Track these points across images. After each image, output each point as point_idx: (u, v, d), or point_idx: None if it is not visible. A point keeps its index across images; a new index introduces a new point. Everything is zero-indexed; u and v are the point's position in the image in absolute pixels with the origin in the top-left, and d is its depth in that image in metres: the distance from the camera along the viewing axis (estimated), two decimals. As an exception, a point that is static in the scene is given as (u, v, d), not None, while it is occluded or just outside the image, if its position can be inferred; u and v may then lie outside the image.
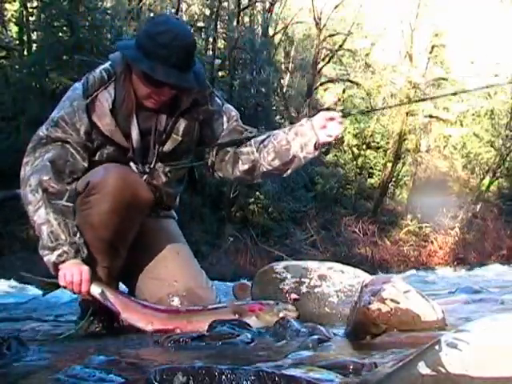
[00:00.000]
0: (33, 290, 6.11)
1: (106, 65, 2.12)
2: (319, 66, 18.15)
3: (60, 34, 11.99)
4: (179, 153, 2.19)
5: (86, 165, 2.08)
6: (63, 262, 1.95)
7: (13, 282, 7.04)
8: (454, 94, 9.03)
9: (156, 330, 1.97)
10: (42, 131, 2.08)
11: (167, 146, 2.15)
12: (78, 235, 1.99)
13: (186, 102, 2.14)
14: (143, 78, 2.01)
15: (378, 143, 19.70)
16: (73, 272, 1.93)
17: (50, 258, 1.96)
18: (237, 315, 1.98)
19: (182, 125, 2.15)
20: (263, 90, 15.62)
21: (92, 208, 1.98)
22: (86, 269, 1.96)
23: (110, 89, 2.07)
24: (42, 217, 1.97)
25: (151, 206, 2.12)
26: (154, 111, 2.12)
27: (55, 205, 1.99)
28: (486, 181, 18.75)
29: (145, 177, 2.15)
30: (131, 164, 2.13)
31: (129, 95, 2.08)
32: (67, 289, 1.98)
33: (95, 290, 1.99)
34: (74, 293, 2.01)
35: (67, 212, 2.00)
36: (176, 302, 2.16)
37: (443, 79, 19.57)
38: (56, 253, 1.95)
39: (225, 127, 2.24)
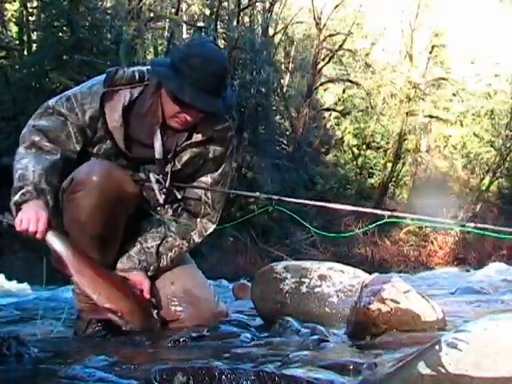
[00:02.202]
0: (33, 290, 6.12)
1: (144, 68, 2.13)
2: (319, 66, 18.15)
3: (60, 34, 12.01)
4: (181, 177, 2.19)
5: (78, 148, 2.07)
6: (25, 201, 1.89)
7: (13, 282, 7.04)
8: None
9: (102, 300, 1.94)
10: (52, 102, 2.10)
11: (166, 168, 2.15)
12: (51, 185, 1.93)
13: (201, 134, 2.12)
14: (172, 96, 2.01)
15: (378, 143, 19.71)
16: (30, 219, 1.86)
17: (13, 198, 1.90)
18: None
19: (186, 155, 2.14)
20: (263, 90, 15.63)
21: (78, 204, 1.96)
22: (43, 216, 1.87)
23: (135, 91, 2.08)
24: (22, 163, 1.95)
25: (137, 201, 2.11)
26: (176, 131, 2.11)
27: (44, 159, 1.97)
28: (486, 181, 18.75)
29: (161, 186, 2.15)
30: (151, 175, 2.13)
31: (156, 107, 2.08)
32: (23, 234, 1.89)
33: (51, 240, 1.91)
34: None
35: (54, 169, 1.97)
36: (174, 303, 2.16)
37: (443, 79, 19.60)
38: (20, 192, 1.89)
39: (208, 178, 2.21)
